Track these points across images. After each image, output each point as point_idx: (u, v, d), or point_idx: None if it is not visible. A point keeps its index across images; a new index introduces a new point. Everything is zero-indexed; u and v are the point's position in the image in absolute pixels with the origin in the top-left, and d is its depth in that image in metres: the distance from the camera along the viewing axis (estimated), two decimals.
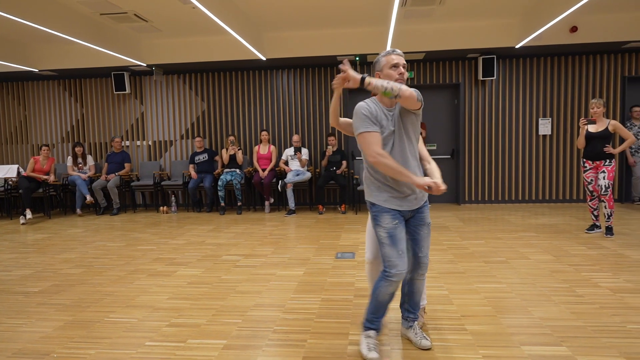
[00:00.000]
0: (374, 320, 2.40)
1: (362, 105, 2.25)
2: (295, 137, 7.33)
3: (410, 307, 2.52)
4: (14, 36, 6.61)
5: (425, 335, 2.49)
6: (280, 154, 7.90)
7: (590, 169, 5.04)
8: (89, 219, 7.24)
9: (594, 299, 3.12)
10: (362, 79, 2.13)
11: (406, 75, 2.27)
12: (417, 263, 2.39)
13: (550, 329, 2.65)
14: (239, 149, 7.42)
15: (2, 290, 3.63)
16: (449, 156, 7.90)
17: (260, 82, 7.99)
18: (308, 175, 7.27)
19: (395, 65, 2.24)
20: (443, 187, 2.10)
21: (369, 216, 2.46)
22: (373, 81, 2.09)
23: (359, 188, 7.01)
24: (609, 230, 4.96)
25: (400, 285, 2.44)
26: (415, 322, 2.52)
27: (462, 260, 4.20)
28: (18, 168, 7.60)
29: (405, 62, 2.28)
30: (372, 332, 2.39)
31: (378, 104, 2.27)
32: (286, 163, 7.48)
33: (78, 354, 2.48)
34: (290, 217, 6.90)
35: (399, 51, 2.29)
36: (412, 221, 2.37)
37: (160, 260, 4.45)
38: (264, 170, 7.37)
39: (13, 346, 2.61)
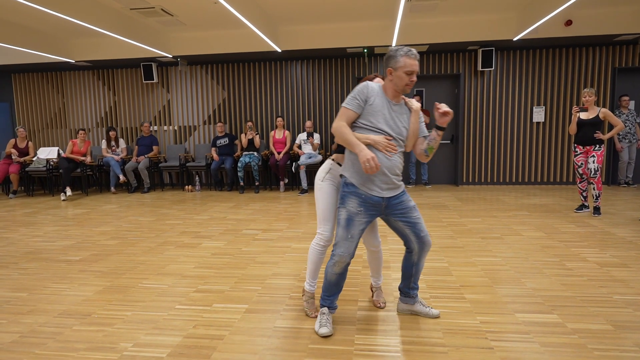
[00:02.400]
0: (326, 298, 2.29)
1: (363, 85, 2.15)
2: (308, 123, 7.28)
3: (414, 283, 2.40)
4: (53, 30, 6.59)
5: (430, 306, 2.49)
6: (294, 139, 7.87)
7: (580, 153, 4.96)
8: (122, 196, 7.31)
9: (582, 272, 3.09)
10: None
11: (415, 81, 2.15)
12: (422, 243, 2.26)
13: (542, 298, 2.64)
14: (256, 134, 7.40)
15: (47, 258, 3.70)
16: (449, 141, 7.81)
17: (276, 72, 7.92)
18: (319, 158, 7.24)
19: (411, 73, 2.09)
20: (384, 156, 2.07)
21: (322, 183, 2.35)
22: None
23: None
24: (597, 210, 4.90)
25: (402, 271, 2.40)
26: (419, 297, 2.47)
27: (461, 236, 4.18)
28: (58, 150, 7.67)
29: (418, 69, 2.13)
30: (325, 309, 2.28)
31: (382, 94, 2.17)
32: (299, 147, 7.45)
33: (116, 315, 2.52)
34: (303, 196, 6.90)
35: (414, 53, 2.10)
36: (395, 210, 2.20)
37: (187, 234, 4.49)
38: (279, 153, 7.35)
39: (58, 307, 2.66)
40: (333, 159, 2.39)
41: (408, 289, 2.42)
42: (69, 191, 6.97)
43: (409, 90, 2.16)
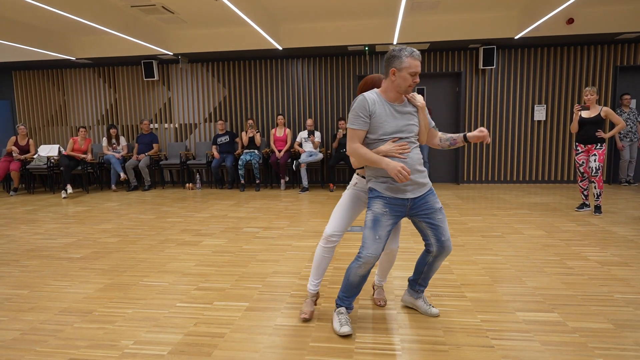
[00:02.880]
0: (345, 298, 2.28)
1: (361, 99, 2.11)
2: (309, 121, 7.28)
3: (423, 282, 2.40)
4: (53, 27, 6.58)
5: (431, 304, 2.49)
6: (294, 137, 7.86)
7: (582, 152, 4.95)
8: (123, 194, 7.32)
9: (583, 270, 3.09)
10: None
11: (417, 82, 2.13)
12: (441, 247, 2.22)
13: (543, 297, 2.64)
14: (257, 132, 7.40)
15: (48, 256, 3.71)
16: None
17: (277, 70, 7.90)
18: (320, 156, 7.24)
19: (415, 74, 2.08)
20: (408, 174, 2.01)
21: (346, 191, 2.43)
22: None
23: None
24: (598, 209, 4.89)
25: (416, 265, 2.40)
26: (424, 293, 2.48)
27: (461, 234, 4.18)
28: (59, 148, 7.67)
29: (420, 70, 2.12)
30: (343, 309, 2.28)
31: (382, 99, 2.13)
32: (300, 145, 7.44)
33: (117, 313, 2.53)
34: (303, 194, 6.90)
35: (417, 54, 2.09)
36: (420, 211, 2.18)
37: (188, 231, 4.49)
38: (280, 151, 7.35)
39: (59, 305, 2.66)
40: (358, 173, 2.44)
41: (416, 284, 2.43)
42: (69, 189, 6.97)
43: (411, 91, 2.15)
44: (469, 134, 2.24)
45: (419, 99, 2.24)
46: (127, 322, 2.40)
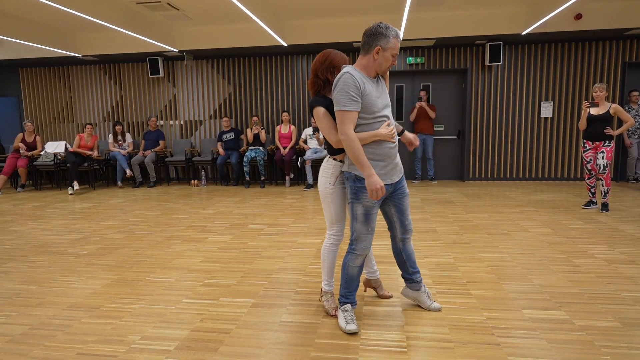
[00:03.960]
0: (348, 294, 2.28)
1: (349, 77, 1.96)
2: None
3: (412, 267, 2.39)
4: (60, 24, 6.61)
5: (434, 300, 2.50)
6: (299, 134, 7.87)
7: (590, 149, 4.91)
8: (129, 190, 7.36)
9: (590, 268, 3.08)
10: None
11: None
12: (404, 229, 2.31)
13: (549, 295, 2.63)
14: (262, 129, 7.41)
15: (55, 252, 3.74)
16: (455, 136, 7.77)
17: (282, 67, 7.90)
18: (325, 152, 7.23)
19: (395, 55, 2.05)
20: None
21: (330, 190, 2.27)
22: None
23: None
24: (605, 207, 4.86)
25: (396, 260, 2.42)
26: (423, 283, 2.46)
27: (467, 231, 4.17)
28: (65, 144, 7.73)
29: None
30: (348, 306, 2.27)
31: (364, 76, 2.04)
32: (305, 142, 7.44)
33: (124, 308, 2.55)
34: (308, 191, 6.90)
35: (399, 34, 2.07)
36: (394, 195, 2.22)
37: (193, 228, 4.51)
38: (284, 148, 7.35)
39: (67, 300, 2.69)
40: (335, 159, 2.27)
41: (408, 274, 2.41)
42: (76, 185, 7.03)
43: (387, 70, 2.12)
44: (405, 134, 2.36)
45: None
46: (134, 317, 2.42)
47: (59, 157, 7.52)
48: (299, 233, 4.22)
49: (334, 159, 2.28)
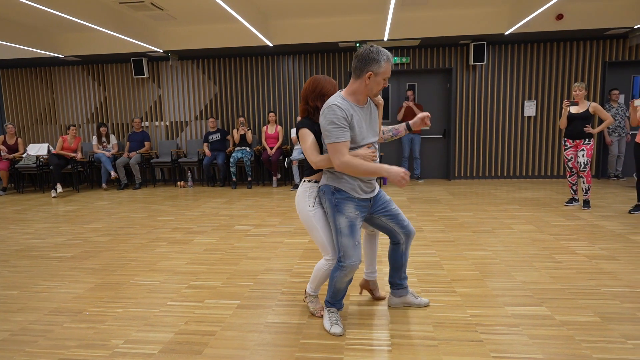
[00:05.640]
0: (334, 302, 2.26)
1: (337, 110, 1.95)
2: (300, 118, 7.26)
3: (404, 273, 2.41)
4: (41, 24, 6.50)
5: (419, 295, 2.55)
6: (286, 134, 7.86)
7: (570, 147, 5.00)
8: (114, 192, 7.27)
9: (571, 264, 3.13)
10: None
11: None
12: (406, 233, 2.28)
13: (531, 291, 2.67)
14: (248, 129, 7.38)
15: (38, 256, 3.68)
16: (441, 136, 7.84)
17: (268, 67, 7.88)
18: None
19: (387, 79, 2.04)
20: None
21: (313, 211, 2.19)
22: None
23: None
24: (586, 203, 4.95)
25: (391, 263, 2.40)
26: (408, 285, 2.47)
27: (452, 230, 4.21)
28: (48, 146, 7.60)
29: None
30: (334, 308, 2.27)
31: (351, 104, 2.02)
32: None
33: (107, 312, 2.52)
34: (295, 191, 6.90)
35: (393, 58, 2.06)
36: (378, 207, 2.22)
37: (179, 230, 4.47)
38: (271, 148, 7.34)
39: (49, 305, 2.65)
40: (310, 180, 2.25)
41: (400, 280, 2.42)
42: (59, 188, 6.91)
43: (378, 93, 2.10)
44: (411, 122, 2.35)
45: (380, 100, 2.22)
46: (117, 321, 2.39)
47: (42, 159, 7.39)
48: (285, 233, 4.22)
49: (309, 181, 2.25)
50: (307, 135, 2.16)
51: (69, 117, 8.45)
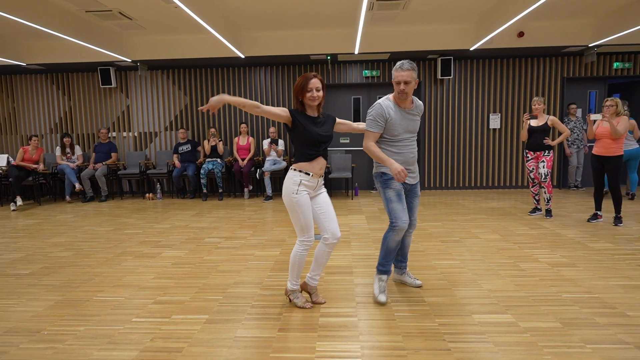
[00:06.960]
0: (385, 264, 2.72)
1: (379, 107, 2.59)
2: (272, 129, 7.26)
3: (402, 258, 2.95)
4: (2, 31, 6.26)
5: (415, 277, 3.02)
6: (258, 145, 7.82)
7: (532, 158, 5.19)
8: (78, 205, 7.01)
9: (534, 272, 3.23)
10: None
11: (407, 90, 2.53)
12: (410, 224, 2.78)
13: (497, 299, 2.74)
14: (219, 140, 7.30)
15: None
16: None
17: (240, 78, 7.85)
18: (284, 164, 7.22)
19: (398, 82, 2.54)
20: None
21: (296, 198, 2.44)
22: None
23: (330, 176, 7.02)
24: (548, 213, 5.14)
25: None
26: (407, 268, 3.00)
27: (422, 240, 4.28)
28: (7, 157, 7.28)
29: (406, 79, 2.51)
30: (384, 276, 2.72)
31: (394, 104, 2.62)
32: (269, 151, 7.39)
33: (68, 331, 2.41)
34: (267, 203, 6.85)
35: (404, 66, 2.53)
36: (408, 194, 2.77)
37: (146, 243, 4.35)
38: (243, 159, 7.28)
39: (4, 325, 2.51)
40: (295, 169, 2.48)
41: (397, 261, 2.97)
42: (19, 201, 6.62)
43: (404, 96, 2.57)
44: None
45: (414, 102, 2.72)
46: (78, 340, 2.29)
47: (1, 171, 7.06)
48: (256, 246, 4.17)
49: (294, 169, 2.48)
50: (283, 111, 2.46)
51: (30, 127, 8.14)
